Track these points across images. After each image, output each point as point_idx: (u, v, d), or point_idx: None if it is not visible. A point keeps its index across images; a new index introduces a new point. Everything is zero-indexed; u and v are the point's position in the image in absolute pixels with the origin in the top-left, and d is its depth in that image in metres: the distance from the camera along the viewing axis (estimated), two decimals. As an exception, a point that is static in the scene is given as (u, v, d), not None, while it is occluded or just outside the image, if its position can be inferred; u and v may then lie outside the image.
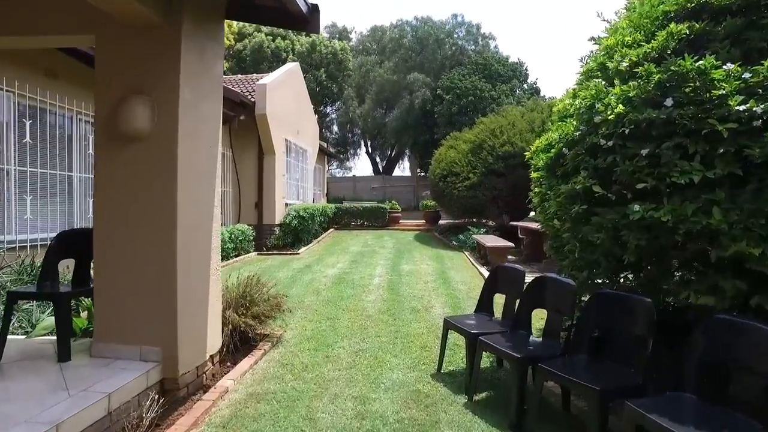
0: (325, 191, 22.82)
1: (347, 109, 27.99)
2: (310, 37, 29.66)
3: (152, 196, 3.23)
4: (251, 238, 10.53)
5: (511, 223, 10.10)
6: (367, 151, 32.53)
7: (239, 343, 4.15)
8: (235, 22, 31.45)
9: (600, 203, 2.90)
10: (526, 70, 24.20)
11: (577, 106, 3.01)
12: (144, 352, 3.21)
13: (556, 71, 57.32)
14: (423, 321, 5.20)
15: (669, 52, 2.57)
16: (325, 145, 22.78)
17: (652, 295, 2.77)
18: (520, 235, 9.80)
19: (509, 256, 9.02)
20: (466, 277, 7.90)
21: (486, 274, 7.71)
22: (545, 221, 3.83)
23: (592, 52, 3.80)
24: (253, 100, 11.02)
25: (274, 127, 11.57)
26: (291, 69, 13.63)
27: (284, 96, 12.62)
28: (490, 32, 37.84)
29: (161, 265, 3.21)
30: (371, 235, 14.25)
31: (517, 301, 3.50)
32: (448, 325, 3.69)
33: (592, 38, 3.56)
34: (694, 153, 2.36)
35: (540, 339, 3.22)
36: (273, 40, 29.38)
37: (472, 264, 9.08)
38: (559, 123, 3.81)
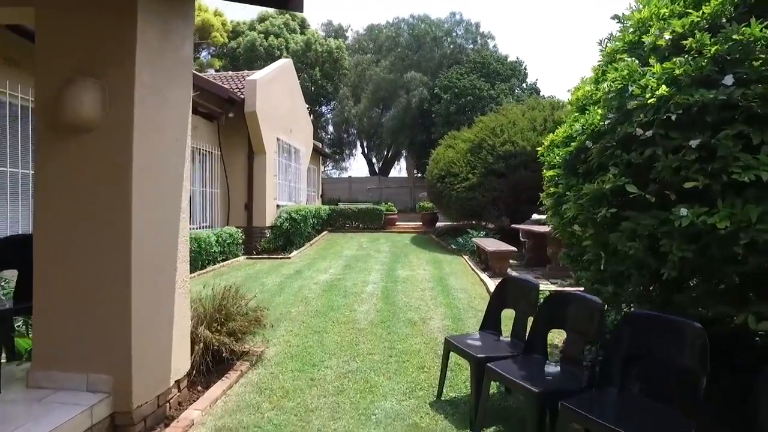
0: (320, 192, 22.36)
1: (342, 109, 27.53)
2: (304, 35, 29.24)
3: (102, 197, 2.75)
4: (240, 241, 10.04)
5: (513, 225, 9.68)
6: (363, 152, 32.09)
7: (212, 364, 3.67)
8: (229, 20, 30.98)
9: (632, 206, 2.44)
10: (526, 69, 23.82)
11: (605, 91, 2.55)
12: (92, 381, 2.72)
13: (555, 73, 57.17)
14: (420, 335, 4.73)
15: (725, 20, 2.12)
16: (320, 145, 22.31)
17: (684, 315, 2.31)
18: (521, 239, 9.35)
19: (511, 260, 8.57)
20: (467, 284, 7.44)
21: (487, 280, 7.26)
22: (560, 227, 3.36)
23: (612, 34, 3.34)
24: (242, 96, 10.54)
25: (265, 126, 11.09)
26: (283, 65, 13.16)
27: (276, 93, 12.14)
28: (489, 31, 37.48)
29: (113, 278, 2.73)
30: (366, 238, 13.78)
31: (530, 320, 3.03)
32: (450, 346, 3.22)
33: (616, 16, 3.11)
34: (760, 144, 1.90)
35: (558, 366, 2.75)
36: (266, 38, 28.90)
37: (472, 269, 8.62)
38: (576, 114, 3.35)
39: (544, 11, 55.94)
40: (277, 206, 12.14)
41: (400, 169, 36.71)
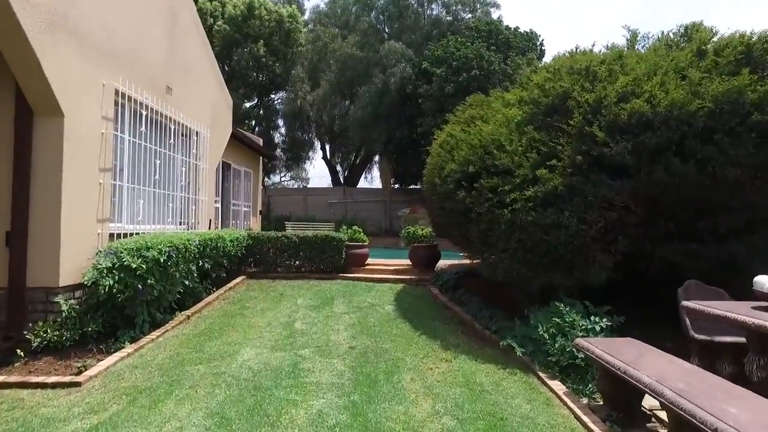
0: (258, 208, 16.03)
1: (296, 95, 21.28)
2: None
3: None
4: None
5: (687, 304, 3.60)
6: (323, 156, 25.84)
7: None
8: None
9: None
10: (543, 45, 18.42)
11: None
12: None
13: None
14: None
15: None
16: (258, 141, 16.00)
17: None
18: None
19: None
20: None
21: None
22: None
23: None
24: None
25: (68, 48, 4.84)
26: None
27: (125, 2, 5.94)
28: None
29: None
30: (310, 296, 7.51)
31: None
32: None
33: None
34: None
35: None
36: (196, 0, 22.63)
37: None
38: None
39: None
40: (113, 236, 5.80)
41: (371, 179, 30.69)
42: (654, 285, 5.77)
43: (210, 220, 9.25)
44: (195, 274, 6.58)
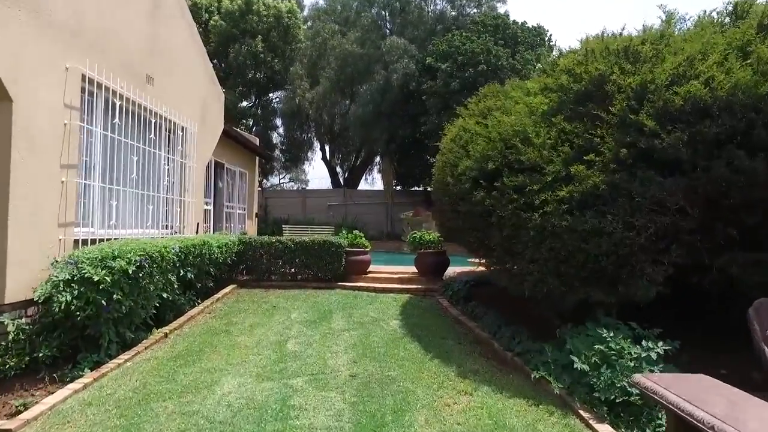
0: (255, 210, 15.29)
1: (294, 93, 20.53)
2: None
3: None
4: None
5: None
6: (323, 157, 25.08)
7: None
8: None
9: None
10: (551, 40, 17.69)
11: None
12: None
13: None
14: None
15: None
16: (255, 141, 15.26)
17: None
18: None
19: None
20: None
21: None
22: None
23: None
24: None
25: (24, 24, 4.10)
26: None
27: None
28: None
29: None
30: (305, 309, 6.75)
31: None
32: None
33: None
34: None
35: None
36: (191, -5, 21.91)
37: None
38: None
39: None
40: (79, 243, 5.06)
41: (372, 181, 30.02)
42: (698, 296, 5.03)
43: (198, 224, 8.49)
44: (175, 286, 5.82)
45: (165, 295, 5.58)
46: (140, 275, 4.81)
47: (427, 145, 17.88)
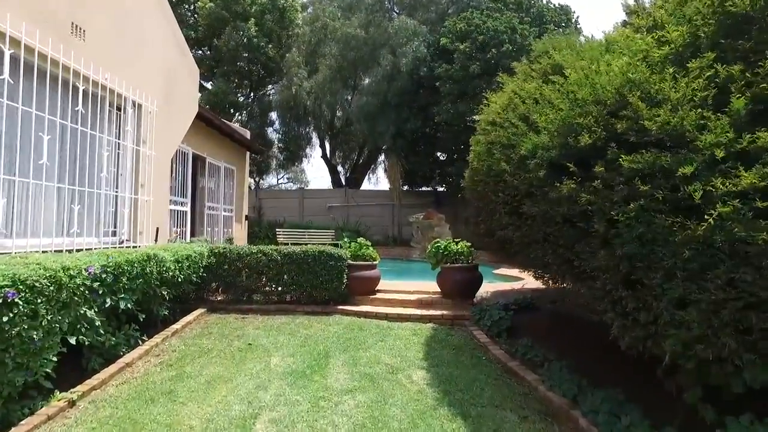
0: (245, 212, 13.45)
1: (291, 82, 18.64)
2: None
3: None
4: None
5: None
6: (323, 154, 23.17)
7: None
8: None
9: None
10: (578, 21, 15.85)
11: None
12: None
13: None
14: None
15: None
16: (245, 133, 13.41)
17: None
18: None
19: None
20: None
21: None
22: None
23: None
24: None
25: None
26: None
27: None
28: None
29: None
30: (292, 349, 4.88)
31: None
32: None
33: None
34: None
35: None
36: (179, -23, 20.04)
37: None
38: None
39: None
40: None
41: (377, 180, 28.17)
42: None
43: (157, 229, 6.62)
44: (97, 323, 3.95)
45: (77, 339, 3.71)
46: (14, 318, 2.95)
47: (439, 140, 16.05)
